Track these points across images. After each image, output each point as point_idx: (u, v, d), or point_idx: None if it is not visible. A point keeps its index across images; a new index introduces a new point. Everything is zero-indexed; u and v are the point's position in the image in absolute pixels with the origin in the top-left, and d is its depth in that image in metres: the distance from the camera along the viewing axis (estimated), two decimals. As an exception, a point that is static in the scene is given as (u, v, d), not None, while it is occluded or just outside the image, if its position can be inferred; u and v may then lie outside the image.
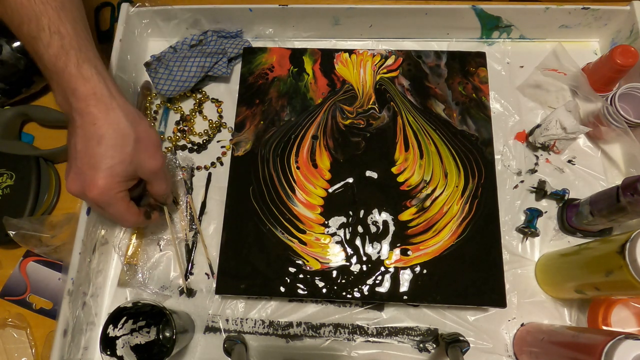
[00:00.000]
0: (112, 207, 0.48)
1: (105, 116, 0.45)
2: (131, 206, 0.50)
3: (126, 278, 0.58)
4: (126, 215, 0.49)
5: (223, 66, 0.66)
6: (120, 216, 0.49)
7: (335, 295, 0.54)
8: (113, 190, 0.47)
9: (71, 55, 0.45)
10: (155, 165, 0.49)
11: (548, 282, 0.56)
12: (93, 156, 0.45)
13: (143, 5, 0.65)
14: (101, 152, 0.45)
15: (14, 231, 0.55)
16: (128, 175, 0.47)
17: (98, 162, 0.45)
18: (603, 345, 0.39)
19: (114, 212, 0.48)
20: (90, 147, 0.45)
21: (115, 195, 0.47)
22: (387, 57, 0.65)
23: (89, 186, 0.46)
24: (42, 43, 0.44)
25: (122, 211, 0.49)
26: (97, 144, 0.45)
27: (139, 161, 0.48)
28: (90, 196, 0.46)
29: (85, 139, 0.45)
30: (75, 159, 0.46)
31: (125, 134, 0.46)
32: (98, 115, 0.45)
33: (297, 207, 0.57)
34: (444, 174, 0.58)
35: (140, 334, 0.52)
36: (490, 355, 0.54)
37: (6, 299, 0.59)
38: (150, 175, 0.50)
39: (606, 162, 0.62)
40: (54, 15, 0.45)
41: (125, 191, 0.48)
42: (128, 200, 0.49)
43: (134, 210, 0.50)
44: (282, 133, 0.61)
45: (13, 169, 0.61)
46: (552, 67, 0.64)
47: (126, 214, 0.49)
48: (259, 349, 0.55)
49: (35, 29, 0.44)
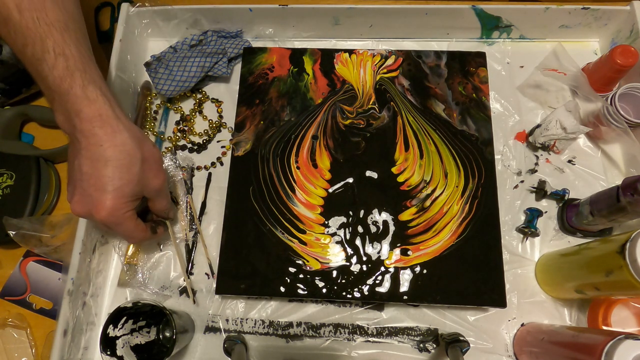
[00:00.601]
0: (121, 226, 0.48)
1: (112, 138, 0.45)
2: (139, 223, 0.50)
3: (126, 278, 0.58)
4: (134, 232, 0.50)
5: (223, 66, 0.66)
6: (129, 234, 0.50)
7: (335, 295, 0.54)
8: (121, 211, 0.47)
9: (76, 77, 0.44)
10: (159, 183, 0.50)
11: (548, 282, 0.56)
12: (100, 178, 0.45)
13: (143, 5, 0.65)
14: (109, 174, 0.45)
15: (14, 231, 0.55)
16: (135, 195, 0.48)
17: (106, 184, 0.45)
18: (603, 345, 0.39)
19: (122, 231, 0.49)
20: (97, 169, 0.45)
21: (124, 215, 0.47)
22: (387, 57, 0.65)
23: (96, 208, 0.46)
24: (47, 65, 0.44)
25: (131, 229, 0.49)
26: (104, 166, 0.45)
27: (145, 180, 0.48)
28: (98, 218, 0.46)
29: (91, 160, 0.45)
30: (80, 180, 0.46)
31: (132, 155, 0.46)
32: (104, 137, 0.45)
33: (297, 207, 0.57)
34: (444, 174, 0.58)
35: (140, 334, 0.52)
36: (490, 355, 0.54)
37: (6, 299, 0.59)
38: (153, 193, 0.51)
39: (606, 162, 0.62)
40: (59, 37, 0.45)
41: (133, 210, 0.49)
42: (135, 218, 0.50)
43: (141, 227, 0.51)
44: (282, 133, 0.61)
45: (13, 169, 0.61)
46: (552, 67, 0.64)
47: (135, 231, 0.50)
48: (259, 349, 0.55)
49: (39, 51, 0.44)
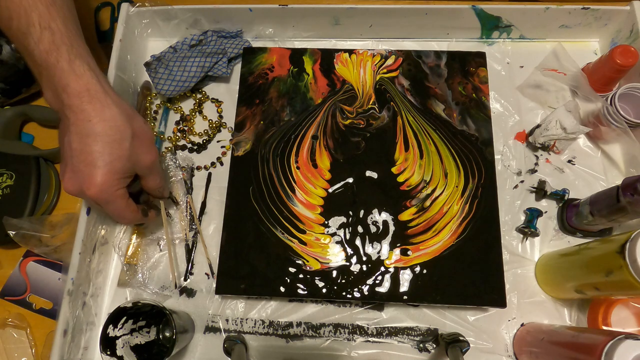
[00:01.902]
0: (112, 204, 0.48)
1: (101, 113, 0.45)
2: (130, 203, 0.50)
3: (126, 278, 0.58)
4: (125, 212, 0.49)
5: (223, 66, 0.66)
6: (119, 213, 0.49)
7: (335, 295, 0.54)
8: (112, 188, 0.46)
9: (62, 51, 0.44)
10: (150, 159, 0.49)
11: (548, 282, 0.56)
12: (90, 153, 0.45)
13: (143, 5, 0.65)
14: (98, 150, 0.45)
15: (14, 231, 0.55)
16: (126, 171, 0.47)
17: (96, 159, 0.45)
18: (603, 345, 0.39)
19: (113, 209, 0.48)
20: (87, 145, 0.44)
21: (115, 192, 0.47)
22: (387, 57, 0.65)
23: (87, 184, 0.45)
24: (32, 39, 0.44)
25: (122, 208, 0.48)
26: (94, 142, 0.44)
27: (136, 157, 0.48)
28: (89, 194, 0.46)
29: (80, 136, 0.44)
30: (71, 157, 0.45)
31: (122, 130, 0.46)
32: (93, 113, 0.44)
33: (297, 207, 0.57)
34: (444, 174, 0.58)
35: (140, 334, 0.52)
36: (490, 355, 0.54)
37: (6, 299, 0.59)
38: (145, 170, 0.50)
39: (606, 162, 0.62)
40: (44, 11, 0.44)
41: (124, 188, 0.48)
42: (127, 197, 0.49)
43: (132, 207, 0.50)
44: (282, 133, 0.61)
45: (13, 169, 0.61)
46: (552, 67, 0.64)
47: (125, 211, 0.49)
48: (259, 349, 0.55)
49: (24, 24, 0.44)
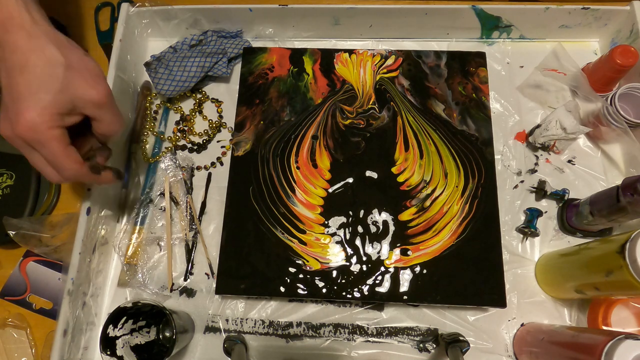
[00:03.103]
0: (45, 147, 0.41)
1: (27, 43, 0.40)
2: (70, 150, 0.43)
3: (126, 278, 0.58)
4: (64, 160, 0.42)
5: (223, 66, 0.66)
6: (56, 160, 0.42)
7: (335, 295, 0.54)
8: (44, 125, 0.40)
9: None
10: (96, 95, 0.43)
11: (548, 282, 0.56)
12: (16, 86, 0.40)
13: (143, 5, 0.65)
14: (25, 82, 0.40)
15: (14, 231, 0.55)
16: (61, 107, 0.41)
17: (22, 92, 0.40)
18: (603, 345, 0.39)
19: (47, 154, 0.42)
20: (13, 78, 0.40)
21: (47, 131, 0.41)
22: (387, 57, 0.65)
23: (16, 122, 0.40)
24: None
25: (58, 153, 0.42)
26: (20, 74, 0.40)
27: (74, 91, 0.42)
28: (18, 132, 0.40)
29: (7, 71, 0.41)
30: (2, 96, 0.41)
31: (52, 60, 0.41)
32: (18, 43, 0.40)
33: (297, 207, 0.57)
34: (444, 174, 0.58)
35: (140, 334, 0.53)
36: (490, 355, 0.54)
37: (6, 299, 0.59)
38: (93, 110, 0.43)
39: (606, 162, 0.62)
40: None
41: (62, 129, 0.42)
42: (66, 141, 0.42)
43: (74, 157, 0.43)
44: (282, 133, 0.61)
45: (13, 169, 0.61)
46: (552, 67, 0.64)
47: (63, 158, 0.42)
48: (259, 349, 0.55)
49: None
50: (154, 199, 0.61)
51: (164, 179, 0.62)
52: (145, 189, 0.62)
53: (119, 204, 0.61)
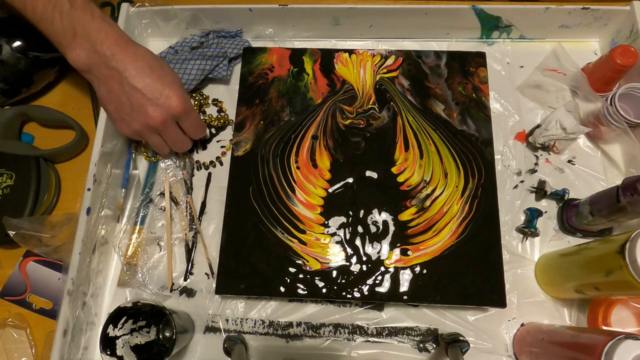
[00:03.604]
0: (192, 113, 0.56)
1: (137, 51, 0.52)
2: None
3: (126, 278, 0.58)
4: (203, 121, 0.59)
5: (223, 69, 0.65)
6: (199, 123, 0.58)
7: (335, 295, 0.54)
8: (187, 99, 0.54)
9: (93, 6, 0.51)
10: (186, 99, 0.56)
11: (548, 282, 0.56)
12: (159, 79, 0.52)
13: (143, 5, 0.65)
14: (161, 74, 0.53)
15: (14, 231, 0.55)
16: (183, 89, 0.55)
17: (164, 78, 0.52)
18: (603, 345, 0.39)
19: (194, 119, 0.56)
20: (149, 76, 0.52)
21: (191, 103, 0.55)
22: (387, 57, 0.65)
23: (171, 101, 0.52)
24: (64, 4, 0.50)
25: (200, 117, 0.58)
26: (153, 71, 0.52)
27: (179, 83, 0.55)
28: (176, 109, 0.53)
29: (140, 75, 0.51)
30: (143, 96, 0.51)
31: (158, 58, 0.54)
32: (135, 51, 0.52)
33: (297, 207, 0.57)
34: (444, 174, 0.58)
35: (140, 334, 0.53)
36: (490, 355, 0.54)
37: (6, 299, 0.59)
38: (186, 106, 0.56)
39: (606, 162, 0.62)
40: None
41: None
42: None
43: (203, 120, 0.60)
44: (282, 133, 0.61)
45: (13, 169, 0.61)
46: (552, 67, 0.64)
47: (202, 120, 0.58)
48: (259, 349, 0.55)
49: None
50: (154, 199, 0.61)
51: (164, 179, 0.62)
52: (145, 189, 0.62)
53: (118, 204, 0.61)
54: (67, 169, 0.65)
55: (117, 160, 0.61)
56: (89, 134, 0.65)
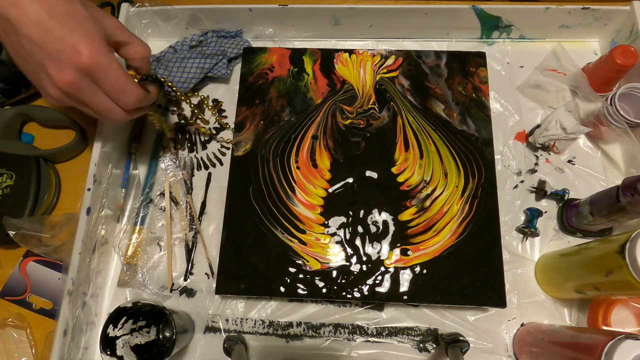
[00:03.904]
0: (110, 71, 0.41)
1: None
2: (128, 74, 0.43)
3: (126, 278, 0.58)
4: (127, 81, 0.43)
5: (223, 67, 0.65)
6: (120, 84, 0.42)
7: (335, 295, 0.54)
8: (103, 49, 0.41)
9: None
10: (114, 21, 0.44)
11: (548, 282, 0.56)
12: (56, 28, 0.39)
13: (143, 5, 0.65)
14: (59, 23, 0.39)
15: (14, 231, 0.55)
16: (102, 34, 0.42)
17: (63, 33, 0.39)
18: (603, 345, 0.39)
19: (113, 78, 0.42)
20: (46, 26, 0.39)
21: (108, 54, 0.41)
22: (387, 57, 0.65)
23: (74, 56, 0.39)
24: None
25: (122, 75, 0.42)
26: (50, 18, 0.39)
27: (100, 20, 0.42)
28: (83, 62, 0.40)
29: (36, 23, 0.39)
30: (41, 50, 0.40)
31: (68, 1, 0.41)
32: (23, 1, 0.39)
33: (297, 207, 0.57)
34: (444, 174, 0.58)
35: (140, 334, 0.53)
36: (490, 355, 0.54)
37: (6, 299, 0.59)
38: (117, 32, 0.45)
39: (606, 162, 0.62)
40: None
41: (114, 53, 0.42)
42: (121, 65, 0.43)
43: (132, 80, 0.44)
44: (282, 133, 0.61)
45: (13, 169, 0.61)
46: (552, 67, 0.64)
47: (127, 79, 0.42)
48: (259, 349, 0.55)
49: None
50: (154, 199, 0.61)
51: (164, 179, 0.62)
52: (145, 189, 0.62)
53: (119, 204, 0.61)
54: (67, 169, 0.65)
55: (117, 160, 0.61)
56: (89, 133, 0.65)
